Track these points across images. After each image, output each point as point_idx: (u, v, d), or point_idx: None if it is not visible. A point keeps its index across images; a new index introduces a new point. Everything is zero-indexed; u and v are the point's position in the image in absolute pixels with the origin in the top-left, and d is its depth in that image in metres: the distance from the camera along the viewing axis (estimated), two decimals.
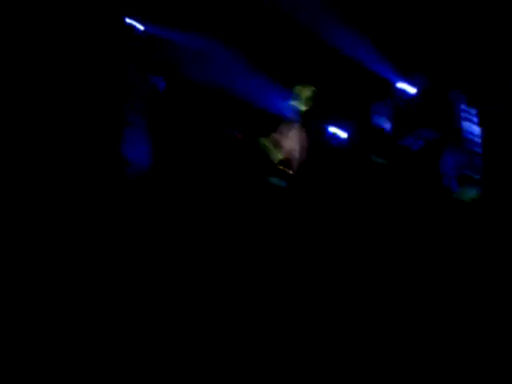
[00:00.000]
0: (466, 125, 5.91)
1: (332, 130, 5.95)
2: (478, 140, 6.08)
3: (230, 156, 7.21)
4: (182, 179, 6.96)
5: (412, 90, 7.25)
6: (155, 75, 7.36)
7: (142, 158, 6.74)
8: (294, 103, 5.44)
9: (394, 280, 4.88)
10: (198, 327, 4.10)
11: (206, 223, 6.31)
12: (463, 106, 6.08)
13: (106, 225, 5.81)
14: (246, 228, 6.13)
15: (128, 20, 7.23)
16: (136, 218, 6.14)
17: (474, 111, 6.12)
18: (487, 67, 6.50)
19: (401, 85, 7.02)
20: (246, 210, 6.45)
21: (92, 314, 4.01)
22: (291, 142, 5.37)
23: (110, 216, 5.94)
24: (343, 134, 6.26)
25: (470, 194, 5.74)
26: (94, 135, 6.29)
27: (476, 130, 6.09)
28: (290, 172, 5.56)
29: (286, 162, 5.39)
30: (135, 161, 6.74)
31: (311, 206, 5.63)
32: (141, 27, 7.41)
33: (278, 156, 5.39)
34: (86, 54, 6.63)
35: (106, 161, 6.27)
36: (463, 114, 6.08)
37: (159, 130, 7.14)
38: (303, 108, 5.40)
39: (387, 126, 5.95)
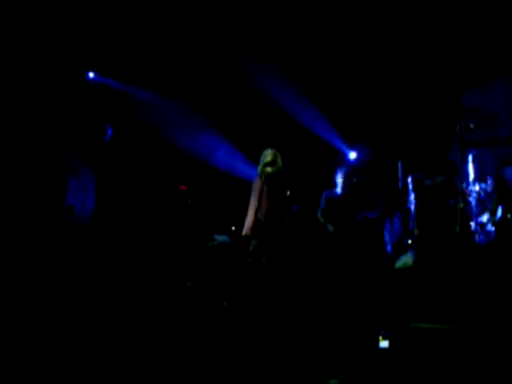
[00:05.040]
0: (407, 193, 6.25)
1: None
2: (413, 207, 6.42)
3: (173, 207, 7.23)
4: (125, 228, 6.88)
5: (354, 156, 7.66)
6: (102, 123, 7.34)
7: (86, 205, 6.63)
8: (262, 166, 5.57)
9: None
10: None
11: (146, 271, 6.26)
12: (404, 175, 6.44)
13: (48, 271, 5.64)
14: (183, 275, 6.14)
15: (78, 68, 7.24)
16: (76, 265, 6.00)
17: (411, 179, 6.48)
18: (427, 140, 6.95)
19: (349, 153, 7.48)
20: (185, 260, 6.45)
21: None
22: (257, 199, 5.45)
23: (51, 262, 5.78)
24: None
25: (405, 260, 6.00)
26: (38, 182, 6.15)
27: (412, 197, 6.43)
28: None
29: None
30: (77, 206, 6.62)
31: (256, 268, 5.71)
32: (91, 75, 7.44)
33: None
34: (32, 99, 6.54)
35: (49, 208, 6.12)
36: (404, 183, 6.44)
37: (104, 178, 7.07)
38: (270, 170, 5.50)
39: (340, 187, 6.17)
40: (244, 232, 5.28)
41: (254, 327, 4.84)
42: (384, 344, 4.05)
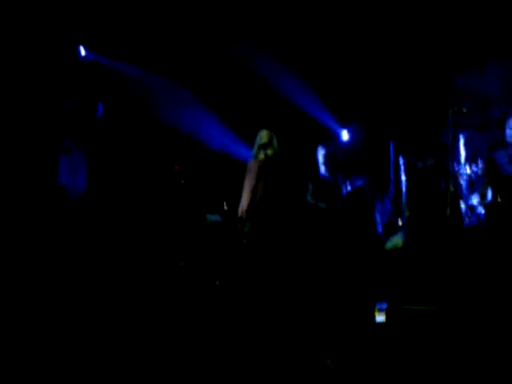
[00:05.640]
0: (399, 174, 6.29)
1: None
2: (404, 189, 6.47)
3: (164, 185, 7.24)
4: (116, 206, 6.89)
5: (346, 136, 7.68)
6: (93, 100, 7.28)
7: (77, 183, 6.62)
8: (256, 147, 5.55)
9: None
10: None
11: (139, 249, 6.29)
12: (396, 156, 6.47)
13: (40, 249, 5.65)
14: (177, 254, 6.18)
15: (69, 44, 7.14)
16: (69, 244, 6.02)
17: (402, 161, 6.51)
18: (419, 122, 6.97)
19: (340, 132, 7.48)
20: (180, 242, 6.48)
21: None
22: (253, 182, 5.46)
23: (44, 240, 5.79)
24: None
25: (395, 241, 6.07)
26: (30, 160, 6.13)
27: (403, 179, 6.48)
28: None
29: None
30: (69, 185, 6.61)
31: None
32: (82, 51, 7.34)
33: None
34: (22, 75, 6.47)
35: (41, 186, 6.11)
36: (396, 164, 6.47)
37: (96, 156, 7.05)
38: (270, 151, 5.48)
39: (322, 169, 6.18)
40: (239, 213, 5.30)
41: (247, 306, 4.89)
42: (380, 318, 4.11)
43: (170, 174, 7.14)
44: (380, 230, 6.42)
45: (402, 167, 6.42)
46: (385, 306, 4.14)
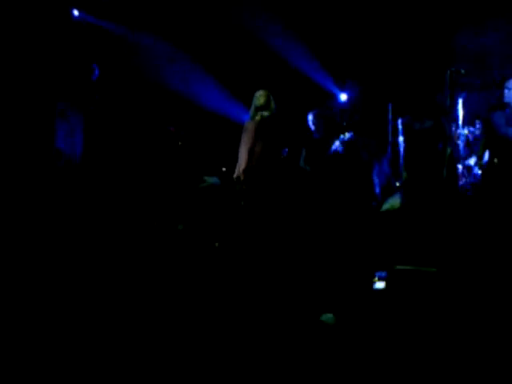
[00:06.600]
0: (397, 136, 6.30)
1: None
2: (402, 150, 6.48)
3: (161, 149, 7.22)
4: (114, 170, 6.89)
5: (344, 97, 7.63)
6: (88, 62, 7.19)
7: (75, 148, 6.60)
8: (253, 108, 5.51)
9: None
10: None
11: (136, 214, 6.32)
12: (394, 118, 6.47)
13: (37, 215, 5.68)
14: (170, 219, 6.22)
15: (63, 5, 7.01)
16: (66, 208, 6.04)
17: (400, 122, 6.50)
18: (417, 83, 6.92)
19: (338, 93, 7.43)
20: (176, 202, 6.50)
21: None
22: (249, 144, 5.45)
23: (41, 205, 5.81)
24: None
25: (392, 203, 6.11)
26: (26, 125, 6.09)
27: (401, 140, 6.48)
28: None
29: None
30: (66, 149, 6.59)
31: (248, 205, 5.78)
32: (75, 13, 7.21)
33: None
34: (15, 39, 6.37)
35: (38, 151, 6.09)
36: (393, 125, 6.47)
37: (92, 120, 7.01)
38: (266, 113, 5.45)
39: (316, 132, 6.16)
40: (236, 174, 5.31)
41: (246, 267, 4.96)
42: (380, 285, 4.17)
43: (167, 136, 7.12)
44: (378, 191, 6.45)
45: (400, 129, 6.43)
46: (384, 274, 4.21)
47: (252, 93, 5.47)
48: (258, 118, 5.35)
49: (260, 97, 5.39)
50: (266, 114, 5.33)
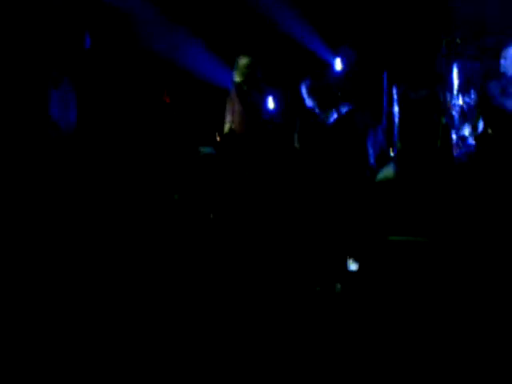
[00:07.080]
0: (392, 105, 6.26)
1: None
2: (397, 120, 6.45)
3: (157, 118, 7.19)
4: (108, 141, 6.86)
5: (339, 65, 7.53)
6: (80, 30, 7.08)
7: (69, 119, 6.56)
8: (233, 74, 5.45)
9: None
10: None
11: (131, 187, 6.33)
12: (389, 87, 6.42)
13: (31, 187, 5.69)
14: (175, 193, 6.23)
15: None
16: (60, 179, 6.05)
17: (395, 91, 6.45)
18: (413, 51, 6.85)
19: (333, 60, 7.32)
20: (174, 175, 6.51)
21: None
22: (230, 112, 5.43)
23: (34, 176, 5.81)
24: (271, 105, 6.40)
25: (387, 173, 6.09)
26: (18, 94, 6.03)
27: (396, 110, 6.45)
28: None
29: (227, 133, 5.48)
30: (61, 120, 6.55)
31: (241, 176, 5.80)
32: None
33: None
34: (8, 10, 6.25)
35: (31, 121, 6.05)
36: (389, 94, 6.43)
37: (85, 89, 6.94)
38: (238, 79, 5.41)
39: (309, 102, 6.11)
40: (218, 138, 5.30)
41: (240, 238, 5.01)
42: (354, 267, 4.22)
43: (161, 106, 7.09)
44: (372, 161, 6.45)
45: (395, 98, 6.38)
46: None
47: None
48: (236, 85, 5.26)
49: (242, 64, 5.32)
50: (243, 80, 5.25)
